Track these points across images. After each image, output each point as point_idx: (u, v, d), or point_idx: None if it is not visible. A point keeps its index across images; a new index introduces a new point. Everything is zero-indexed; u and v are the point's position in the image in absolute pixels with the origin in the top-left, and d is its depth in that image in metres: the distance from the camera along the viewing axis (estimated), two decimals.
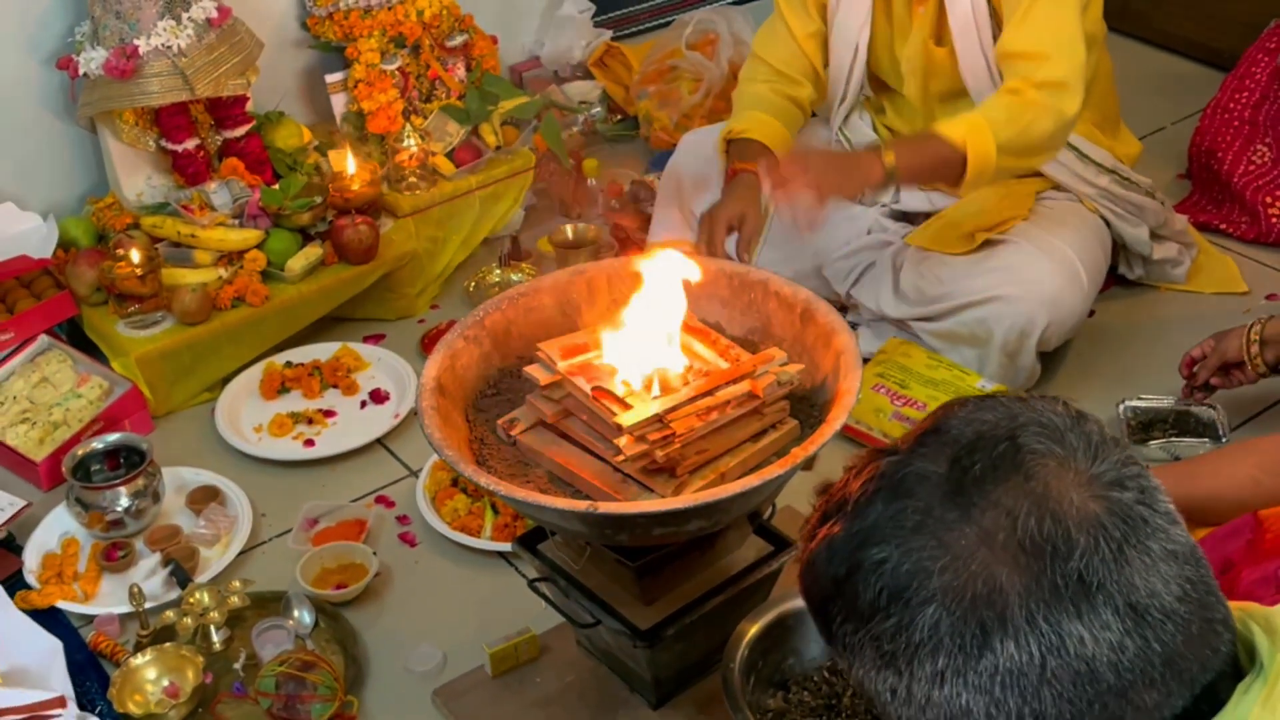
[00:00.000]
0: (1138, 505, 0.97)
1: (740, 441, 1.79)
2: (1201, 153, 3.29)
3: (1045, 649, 0.93)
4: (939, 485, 0.97)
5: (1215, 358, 2.51)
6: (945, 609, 0.94)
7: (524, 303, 2.00)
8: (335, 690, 2.12)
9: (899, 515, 0.97)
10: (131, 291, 2.80)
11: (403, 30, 3.25)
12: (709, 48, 3.65)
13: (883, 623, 0.96)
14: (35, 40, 2.99)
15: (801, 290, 1.94)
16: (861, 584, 0.97)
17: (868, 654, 0.98)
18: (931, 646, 0.94)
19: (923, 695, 0.96)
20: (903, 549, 0.96)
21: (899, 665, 0.96)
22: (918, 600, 0.95)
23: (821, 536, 1.02)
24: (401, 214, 3.10)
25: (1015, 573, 0.93)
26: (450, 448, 1.75)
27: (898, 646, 0.96)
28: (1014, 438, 0.99)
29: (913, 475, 0.99)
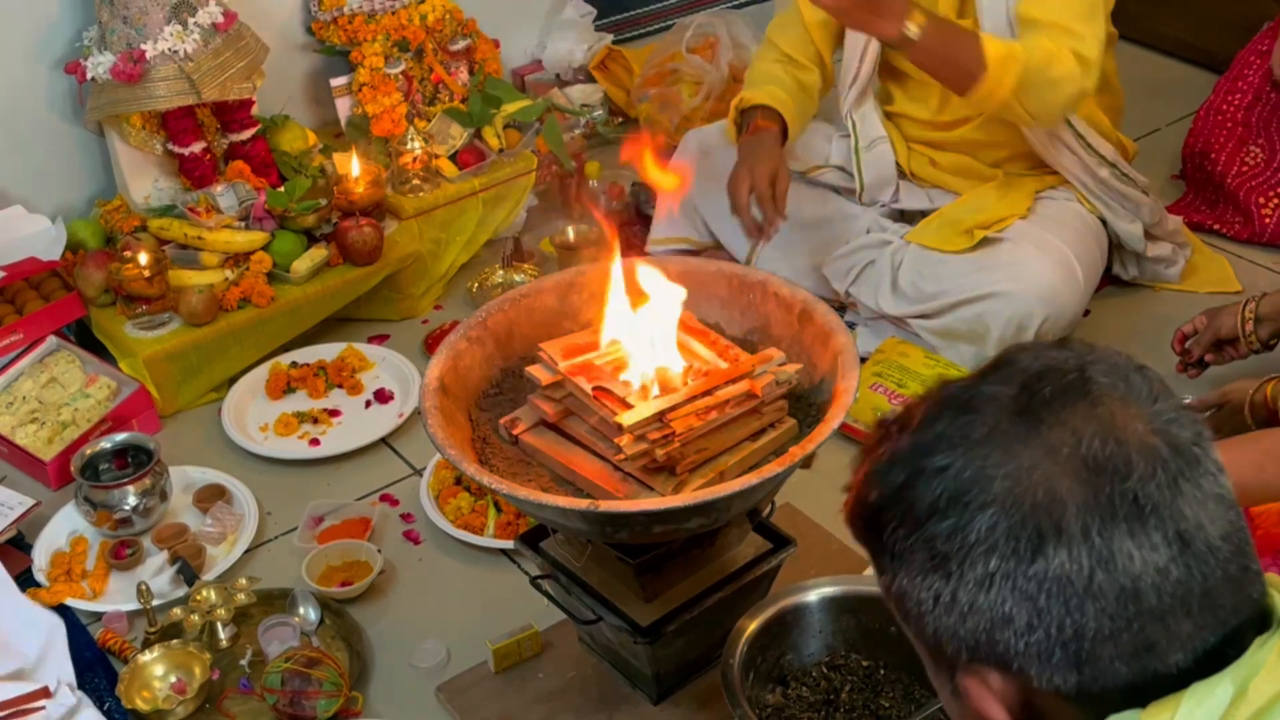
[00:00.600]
0: (1192, 446, 0.98)
1: (739, 440, 1.79)
2: (1195, 154, 3.29)
3: (1095, 562, 0.94)
4: (1008, 404, 0.99)
5: (1209, 334, 2.50)
6: (1003, 513, 0.95)
7: (526, 303, 2.00)
8: (340, 686, 2.12)
9: (966, 427, 0.99)
10: (139, 293, 2.80)
11: (406, 34, 3.25)
12: (709, 51, 3.65)
13: (939, 524, 0.97)
14: (44, 45, 2.99)
15: (800, 291, 1.95)
16: (922, 488, 0.98)
17: (918, 559, 0.99)
18: (986, 548, 0.95)
19: (967, 600, 0.97)
20: (967, 456, 0.97)
21: (949, 567, 0.97)
22: (977, 504, 0.96)
23: (881, 454, 1.03)
24: (405, 216, 3.10)
25: (1075, 485, 0.95)
26: (453, 447, 1.75)
27: (951, 548, 0.96)
28: (1082, 370, 1.00)
29: (981, 396, 1.00)
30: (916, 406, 1.05)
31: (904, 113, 2.87)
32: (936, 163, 2.86)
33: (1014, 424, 0.98)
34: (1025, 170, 2.81)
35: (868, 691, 1.93)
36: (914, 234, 2.77)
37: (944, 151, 2.85)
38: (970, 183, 2.81)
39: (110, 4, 2.85)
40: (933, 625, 1.00)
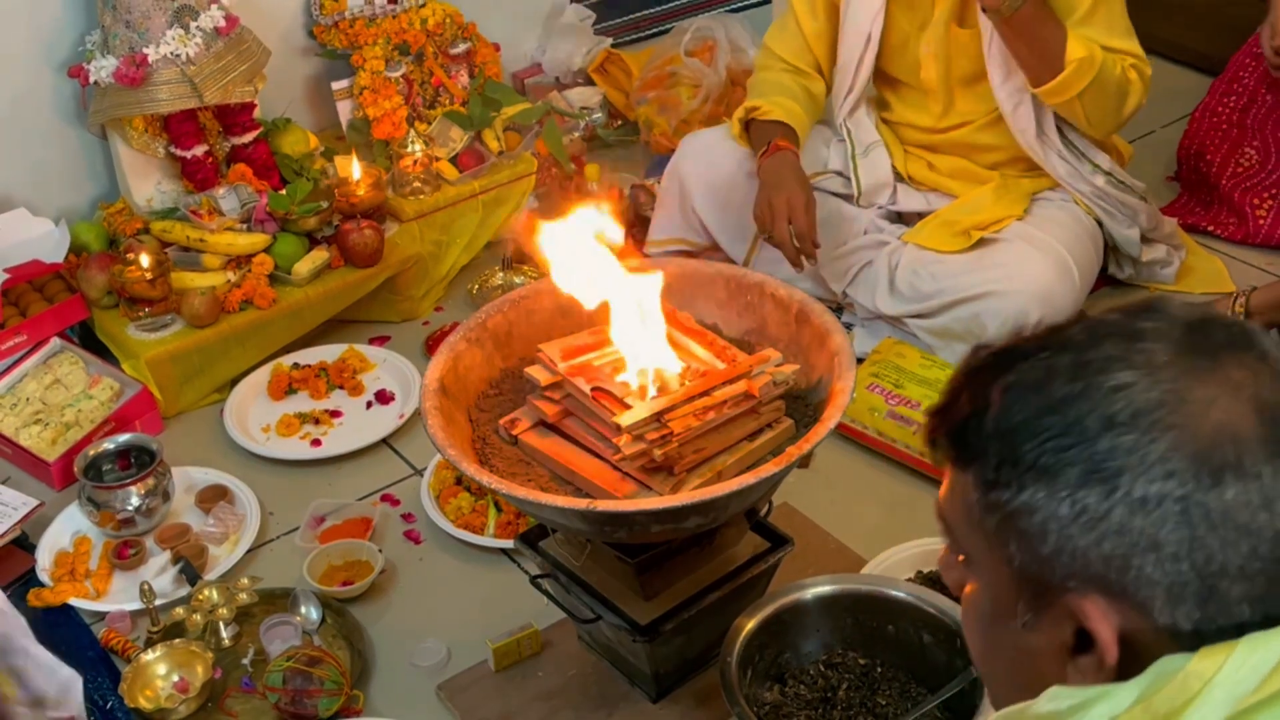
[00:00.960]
0: None
1: (737, 440, 1.79)
2: (1190, 155, 3.30)
3: (1262, 501, 0.93)
4: (1180, 340, 0.98)
5: None
6: (1188, 438, 0.94)
7: (525, 305, 2.00)
8: (341, 685, 2.12)
9: (1145, 352, 0.97)
10: (142, 295, 2.80)
11: (407, 38, 3.25)
12: (707, 54, 3.65)
13: (1116, 438, 0.94)
14: (47, 49, 3.00)
15: (797, 292, 1.95)
16: (1098, 401, 0.96)
17: (1073, 472, 0.95)
18: (1164, 470, 0.93)
19: (1119, 520, 0.94)
20: (1151, 377, 0.96)
21: (1115, 483, 0.94)
22: (1163, 424, 0.94)
23: (1028, 368, 1.00)
24: (406, 218, 3.10)
25: (1257, 425, 0.94)
26: (453, 447, 1.75)
27: (1124, 465, 0.94)
28: (1240, 325, 1.00)
29: (1146, 330, 0.99)
30: (1049, 332, 1.02)
31: (903, 120, 2.88)
32: (934, 166, 2.86)
33: (1193, 358, 0.96)
34: (1022, 172, 2.81)
35: (864, 689, 1.93)
36: (911, 234, 2.77)
37: (941, 155, 2.86)
38: (967, 185, 2.81)
39: (113, 8, 2.86)
40: (1055, 543, 0.96)
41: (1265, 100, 3.19)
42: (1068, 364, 0.99)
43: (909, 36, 2.74)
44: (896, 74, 2.83)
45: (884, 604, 1.94)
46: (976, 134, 2.79)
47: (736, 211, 2.87)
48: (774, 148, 2.71)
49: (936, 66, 2.74)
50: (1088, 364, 0.98)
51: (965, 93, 2.77)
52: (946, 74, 2.75)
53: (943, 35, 2.69)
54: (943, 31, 2.69)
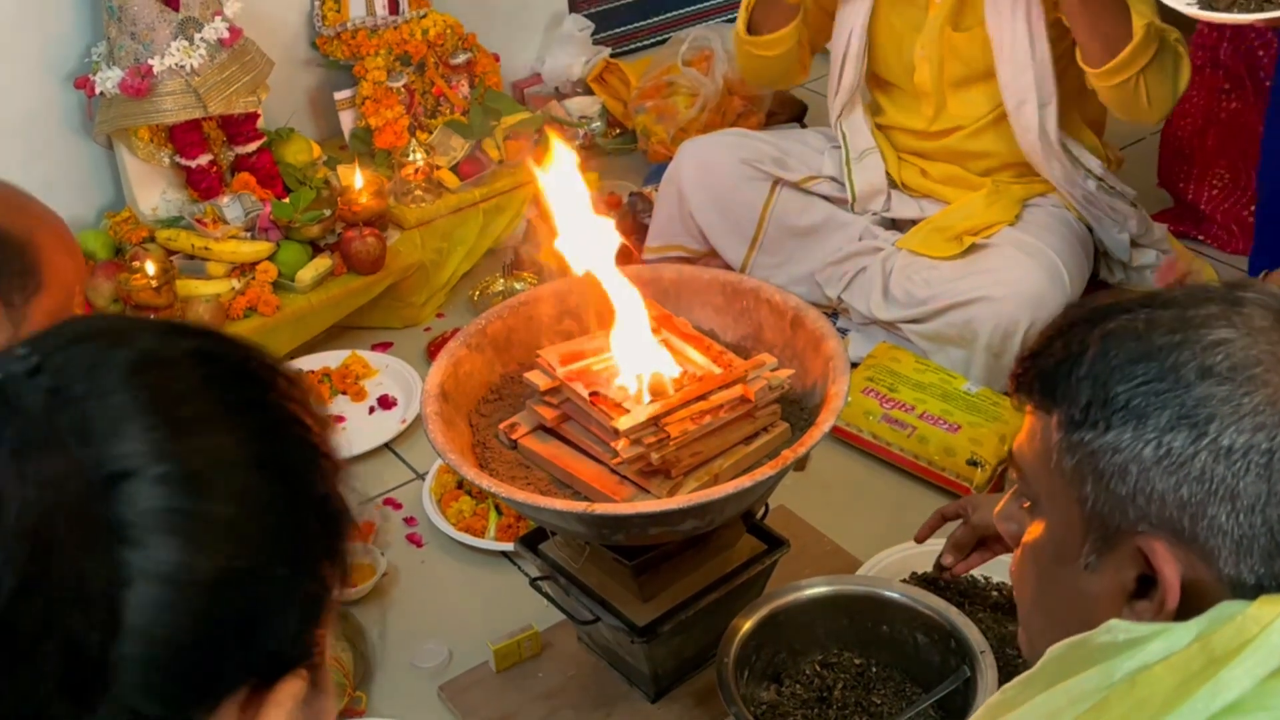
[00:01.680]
0: None
1: (733, 444, 1.80)
2: (1169, 183, 3.26)
3: None
4: (1276, 314, 1.00)
5: None
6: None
7: (524, 311, 2.00)
8: (344, 686, 2.12)
9: (1246, 316, 0.99)
10: (147, 303, 2.80)
11: (408, 49, 3.26)
12: (704, 64, 3.65)
13: (1214, 386, 0.96)
14: (54, 61, 3.00)
15: (791, 298, 1.95)
16: (1199, 352, 0.97)
17: (1165, 415, 0.97)
18: (1255, 422, 0.95)
19: (1203, 465, 0.96)
20: (1250, 337, 0.97)
21: (1206, 429, 0.96)
22: (1258, 380, 0.96)
23: (1133, 316, 1.02)
24: (408, 226, 3.11)
25: None
26: (453, 452, 1.76)
27: (1219, 411, 0.96)
28: None
29: (1249, 298, 1.01)
30: (1149, 292, 1.04)
31: (895, 124, 2.88)
32: (927, 173, 2.87)
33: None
34: (1014, 179, 2.82)
35: (860, 689, 1.93)
36: (904, 240, 2.78)
37: (934, 161, 2.86)
38: (960, 191, 2.81)
39: (118, 20, 2.86)
40: (1134, 484, 0.98)
41: (1222, 119, 3.13)
42: (1170, 317, 1.01)
43: (903, 38, 2.74)
44: (889, 76, 2.83)
45: (879, 605, 1.94)
46: (968, 140, 2.80)
47: (733, 218, 2.87)
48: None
49: (930, 69, 2.74)
50: (1190, 319, 1.00)
51: (957, 96, 2.77)
52: (939, 77, 2.75)
53: (937, 38, 2.70)
54: (937, 34, 2.69)
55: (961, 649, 1.83)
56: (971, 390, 2.61)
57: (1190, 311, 1.00)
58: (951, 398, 2.58)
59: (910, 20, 2.73)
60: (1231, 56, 3.05)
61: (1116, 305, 1.05)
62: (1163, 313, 1.01)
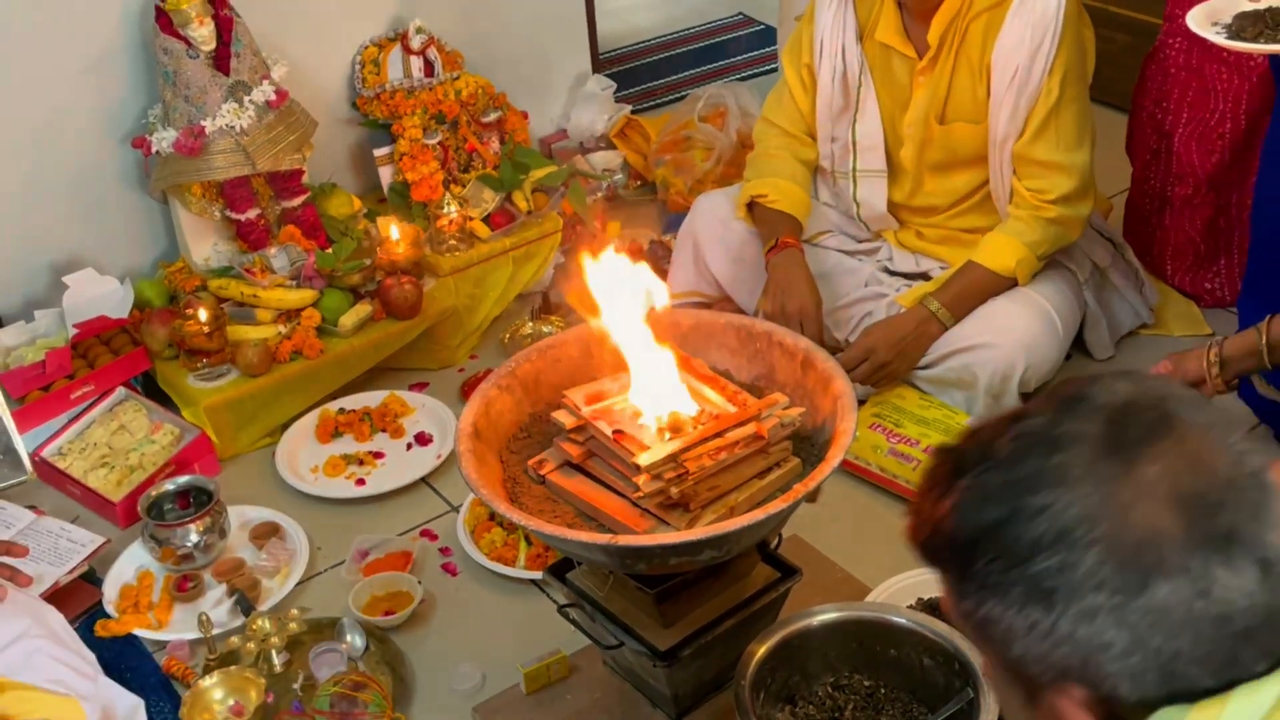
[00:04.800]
0: (1263, 473, 0.98)
1: (748, 478, 1.79)
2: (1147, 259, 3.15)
3: (1194, 592, 0.93)
4: (1097, 443, 0.97)
5: (1175, 379, 2.40)
6: (1109, 552, 0.93)
7: (552, 354, 2.00)
8: (384, 708, 2.12)
9: (1061, 466, 0.96)
10: (200, 347, 2.82)
11: (442, 108, 3.28)
12: (719, 119, 3.67)
13: (1045, 561, 0.94)
14: (113, 122, 3.03)
15: (802, 340, 1.95)
16: (1024, 526, 0.96)
17: (1016, 591, 0.96)
18: (1093, 585, 0.93)
19: (1067, 630, 0.95)
20: (1069, 495, 0.95)
21: (1053, 601, 0.95)
22: (1084, 542, 0.94)
23: (966, 487, 1.00)
24: (442, 273, 3.12)
25: (1174, 521, 0.93)
26: (485, 487, 1.76)
27: (1057, 584, 0.94)
28: (1162, 406, 0.99)
29: (1067, 435, 0.98)
30: (992, 439, 1.02)
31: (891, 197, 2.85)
32: (923, 234, 2.86)
33: (1108, 463, 0.96)
34: None
35: (869, 710, 1.92)
36: (903, 298, 2.75)
37: (930, 226, 2.85)
38: (955, 250, 2.80)
39: (173, 84, 2.89)
40: (1021, 650, 0.98)
41: (1175, 203, 3.07)
42: (998, 485, 0.99)
43: (893, 115, 2.74)
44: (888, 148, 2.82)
45: (887, 630, 1.93)
46: (953, 219, 2.79)
47: (747, 267, 2.87)
48: (781, 244, 2.72)
49: (911, 149, 2.73)
50: (1015, 483, 0.98)
51: (935, 179, 2.77)
52: (919, 158, 2.74)
53: (920, 123, 2.69)
54: (921, 120, 2.69)
55: (965, 671, 1.82)
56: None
57: (1015, 472, 0.98)
58: (954, 432, 2.58)
59: (899, 101, 2.72)
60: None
61: (960, 465, 1.02)
62: (992, 477, 0.99)
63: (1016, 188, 2.64)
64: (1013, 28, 2.52)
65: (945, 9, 2.55)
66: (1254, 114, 2.85)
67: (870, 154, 2.78)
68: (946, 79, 2.62)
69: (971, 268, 2.65)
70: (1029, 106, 2.56)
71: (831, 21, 2.72)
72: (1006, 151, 2.62)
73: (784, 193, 2.78)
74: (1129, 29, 3.72)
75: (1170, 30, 2.95)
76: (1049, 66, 2.52)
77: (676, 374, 1.81)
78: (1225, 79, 2.86)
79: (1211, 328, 2.98)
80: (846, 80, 2.74)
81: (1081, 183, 2.62)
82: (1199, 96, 2.92)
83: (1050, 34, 2.50)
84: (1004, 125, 2.59)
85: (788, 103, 2.85)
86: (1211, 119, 2.91)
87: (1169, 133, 3.00)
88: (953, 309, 2.64)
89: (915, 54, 2.64)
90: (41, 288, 3.06)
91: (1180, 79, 2.94)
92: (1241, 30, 2.26)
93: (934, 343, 2.66)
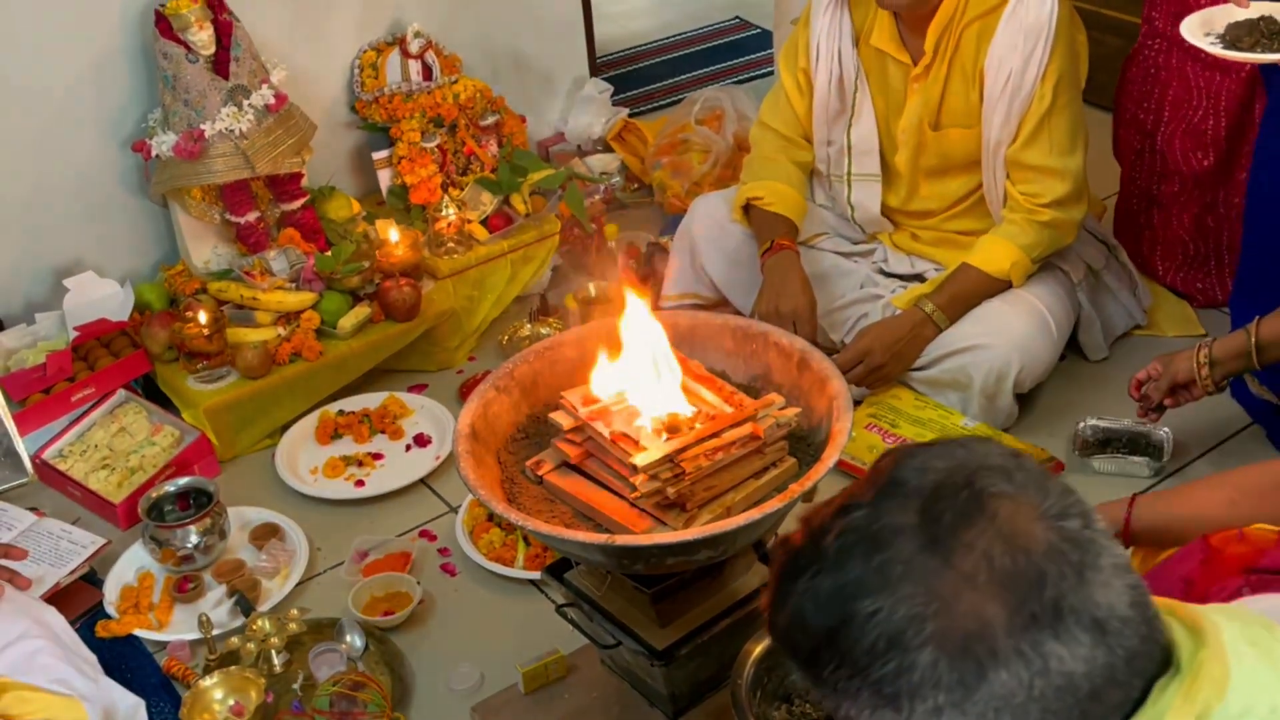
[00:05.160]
0: (1084, 530, 0.98)
1: (744, 478, 1.79)
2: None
3: (1033, 672, 0.93)
4: (914, 536, 0.97)
5: (1166, 379, 2.42)
6: (941, 650, 0.94)
7: (549, 355, 2.00)
8: (384, 707, 2.12)
9: (883, 567, 0.96)
10: (200, 349, 2.82)
11: (441, 112, 3.28)
12: (716, 122, 3.67)
13: (882, 668, 0.95)
14: (113, 127, 3.03)
15: (798, 341, 1.95)
16: (856, 634, 0.96)
17: (864, 696, 0.97)
18: (932, 684, 0.94)
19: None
20: (894, 599, 0.95)
21: (899, 704, 0.95)
22: (915, 644, 0.94)
23: (801, 592, 1.00)
24: (441, 276, 3.12)
25: (999, 608, 0.94)
26: (483, 487, 1.76)
27: (899, 688, 0.95)
28: (971, 483, 0.99)
29: (886, 529, 0.98)
30: (821, 534, 1.01)
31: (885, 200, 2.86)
32: (918, 236, 2.86)
33: (926, 557, 0.96)
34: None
35: None
36: (899, 299, 2.76)
37: (925, 229, 2.85)
38: (949, 252, 2.80)
39: (172, 89, 2.89)
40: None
41: (1163, 202, 3.07)
42: (828, 593, 0.98)
43: (888, 119, 2.74)
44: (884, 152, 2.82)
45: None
46: (946, 222, 2.80)
47: (743, 269, 2.87)
48: (776, 246, 2.72)
49: (906, 154, 2.74)
50: (841, 591, 0.97)
51: (929, 183, 2.77)
52: (914, 163, 2.75)
53: (914, 129, 2.69)
54: (915, 125, 2.69)
55: None
56: (969, 425, 2.60)
57: (839, 578, 0.98)
58: (949, 432, 2.58)
59: (894, 105, 2.73)
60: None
61: (792, 570, 1.02)
62: (819, 584, 0.99)
63: (1010, 191, 2.64)
64: (1005, 34, 2.52)
65: (939, 16, 2.55)
66: (1235, 111, 2.85)
67: (865, 158, 2.79)
68: (940, 85, 2.62)
69: (966, 270, 2.66)
70: (1022, 112, 2.56)
71: (828, 26, 2.72)
72: (1000, 156, 2.62)
73: (779, 195, 2.78)
74: (1120, 32, 3.72)
75: (1149, 32, 2.96)
76: (1041, 72, 2.52)
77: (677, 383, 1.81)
78: (1205, 77, 2.87)
79: (1205, 328, 2.98)
80: (843, 84, 2.74)
81: (1075, 187, 2.62)
82: (1180, 95, 2.92)
83: (1043, 40, 2.50)
84: (997, 130, 2.59)
85: (784, 106, 2.85)
86: (1194, 116, 2.91)
87: (1152, 132, 3.00)
88: (947, 311, 2.64)
89: (910, 60, 2.64)
90: (42, 291, 3.06)
91: (1160, 79, 2.95)
92: (1238, 40, 2.26)
93: (929, 344, 2.66)
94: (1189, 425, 2.65)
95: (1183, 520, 1.71)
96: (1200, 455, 2.63)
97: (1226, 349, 2.33)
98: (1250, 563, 1.48)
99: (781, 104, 2.86)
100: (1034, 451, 2.56)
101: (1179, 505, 1.75)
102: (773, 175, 2.81)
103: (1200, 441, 2.65)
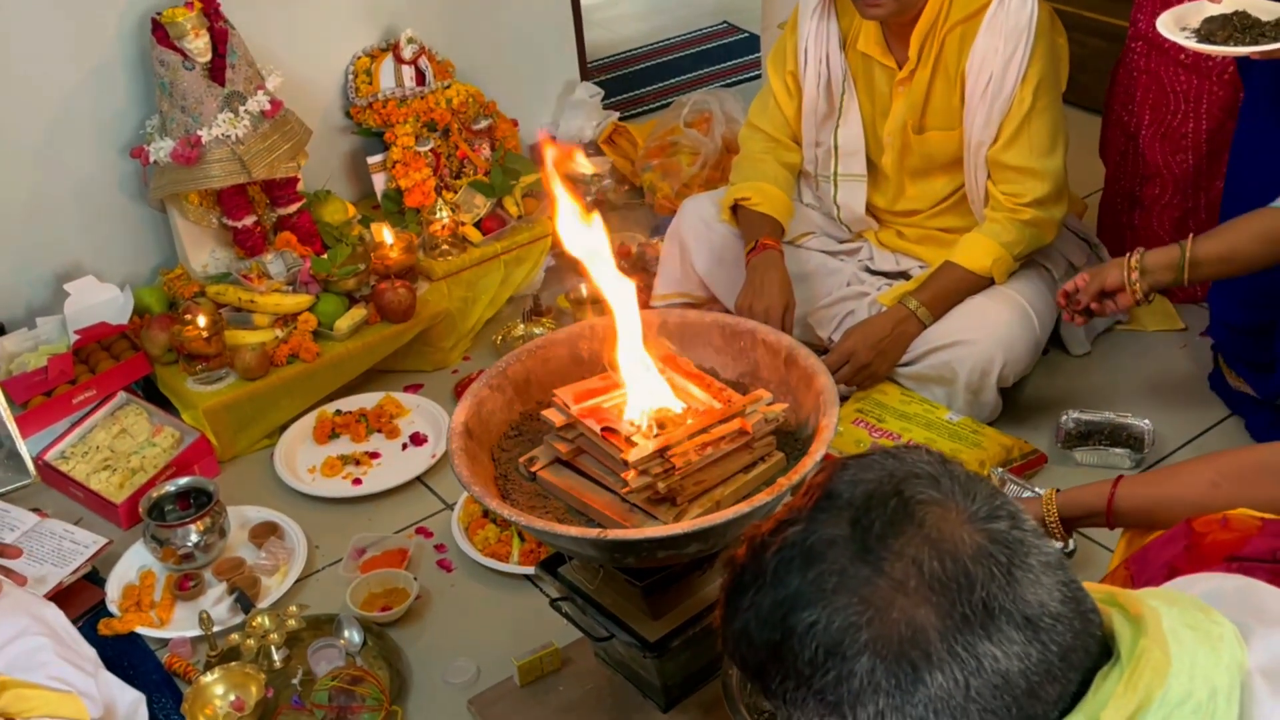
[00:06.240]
0: (1012, 530, 0.99)
1: (733, 473, 1.80)
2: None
3: (967, 672, 0.94)
4: (846, 547, 0.98)
5: (1095, 284, 2.38)
6: (878, 656, 0.95)
7: (542, 354, 2.01)
8: (381, 701, 2.12)
9: (818, 580, 0.97)
10: (199, 351, 2.82)
11: (434, 116, 3.28)
12: (705, 125, 3.67)
13: (823, 678, 0.96)
14: (111, 133, 3.03)
15: (785, 338, 1.95)
16: (798, 646, 0.97)
17: (810, 705, 0.98)
18: (871, 690, 0.95)
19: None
20: (830, 609, 0.96)
21: (843, 711, 0.96)
22: (852, 653, 0.95)
23: (746, 609, 1.02)
24: (435, 277, 3.12)
25: (930, 612, 0.95)
26: (477, 484, 1.76)
27: (840, 696, 0.96)
28: (900, 492, 1.00)
29: (820, 541, 0.99)
30: (762, 550, 1.03)
31: (872, 200, 2.86)
32: (903, 234, 2.86)
33: (859, 567, 0.97)
34: None
35: None
36: (885, 296, 2.76)
37: (910, 227, 2.86)
38: (934, 249, 2.80)
39: (170, 95, 2.89)
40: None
41: (1145, 202, 3.06)
42: (769, 608, 1.00)
43: (874, 122, 2.75)
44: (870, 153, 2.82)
45: None
46: (930, 220, 2.80)
47: (730, 268, 2.87)
48: (761, 246, 2.72)
49: (891, 156, 2.74)
50: (780, 605, 0.99)
51: (915, 183, 2.78)
52: (899, 164, 2.75)
53: (899, 131, 2.70)
54: (899, 128, 2.69)
55: None
56: (953, 419, 2.61)
57: (778, 593, 0.99)
58: (935, 426, 2.58)
59: (880, 108, 2.73)
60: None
61: (738, 583, 1.03)
62: (760, 599, 1.00)
63: (992, 191, 2.65)
64: (986, 38, 2.53)
65: (922, 22, 2.56)
66: (1215, 115, 2.86)
67: (852, 159, 2.79)
68: (924, 89, 2.63)
69: (949, 267, 2.66)
70: (1002, 114, 2.57)
71: (815, 31, 2.72)
72: (981, 157, 2.63)
73: (766, 196, 2.78)
74: (1101, 34, 3.73)
75: (1134, 34, 2.96)
76: (1021, 76, 2.53)
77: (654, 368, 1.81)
78: (1184, 80, 2.87)
79: (1185, 322, 2.99)
80: (831, 87, 2.75)
81: (1055, 187, 2.62)
82: (1159, 98, 2.93)
83: (1022, 44, 2.51)
84: (978, 132, 2.60)
85: (772, 108, 2.86)
86: (1174, 120, 2.92)
87: (1134, 134, 3.01)
88: (931, 307, 2.65)
89: (895, 64, 2.64)
90: (43, 296, 3.06)
91: (1142, 82, 2.96)
92: (1211, 34, 2.27)
93: (913, 340, 2.66)
94: (1169, 418, 2.66)
95: (1166, 502, 1.71)
96: (1180, 447, 2.64)
97: (1158, 260, 2.31)
98: (1233, 550, 1.48)
99: (769, 106, 2.86)
100: (1017, 444, 2.57)
101: (1163, 487, 1.75)
102: (760, 176, 2.81)
103: (1180, 434, 2.66)
